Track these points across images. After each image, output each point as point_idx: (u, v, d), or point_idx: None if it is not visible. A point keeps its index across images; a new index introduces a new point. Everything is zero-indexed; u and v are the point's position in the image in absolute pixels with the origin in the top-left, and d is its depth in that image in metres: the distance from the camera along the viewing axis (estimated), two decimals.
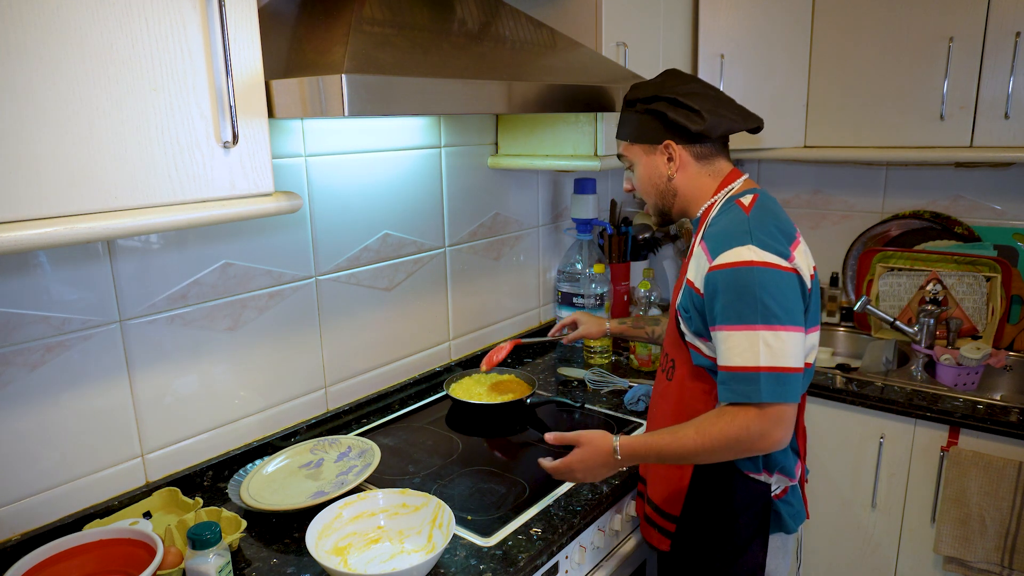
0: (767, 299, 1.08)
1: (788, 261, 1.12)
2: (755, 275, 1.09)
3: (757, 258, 1.10)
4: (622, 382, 1.89)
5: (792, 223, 1.22)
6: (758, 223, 1.15)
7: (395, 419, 1.74)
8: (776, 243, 1.13)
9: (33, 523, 1.20)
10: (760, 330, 1.08)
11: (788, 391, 1.08)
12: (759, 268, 1.10)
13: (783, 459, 1.24)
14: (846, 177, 2.47)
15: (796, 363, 1.10)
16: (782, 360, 1.08)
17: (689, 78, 1.28)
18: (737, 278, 1.10)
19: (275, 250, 1.50)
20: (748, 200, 1.20)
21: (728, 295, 1.11)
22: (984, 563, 1.74)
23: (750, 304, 1.09)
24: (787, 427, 1.10)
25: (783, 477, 1.27)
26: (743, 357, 1.09)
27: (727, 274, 1.11)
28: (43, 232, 0.83)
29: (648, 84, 1.30)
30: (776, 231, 1.15)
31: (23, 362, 1.16)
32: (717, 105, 1.24)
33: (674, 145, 1.25)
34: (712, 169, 1.27)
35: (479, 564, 1.16)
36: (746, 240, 1.12)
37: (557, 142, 1.87)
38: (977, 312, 2.14)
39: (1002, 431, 1.69)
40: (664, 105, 1.24)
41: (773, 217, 1.18)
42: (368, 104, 1.04)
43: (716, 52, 2.09)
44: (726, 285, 1.11)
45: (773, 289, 1.09)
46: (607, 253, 2.30)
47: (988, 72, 1.89)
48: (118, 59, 0.88)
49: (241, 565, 1.18)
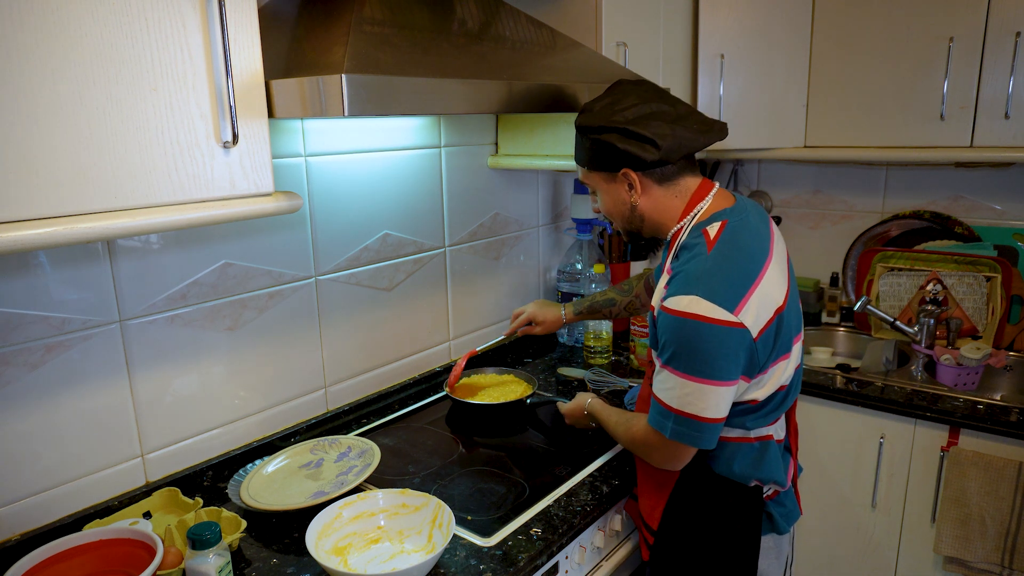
0: (696, 355, 1.10)
1: (734, 314, 1.08)
2: (694, 330, 1.09)
3: (701, 312, 1.08)
4: (622, 382, 1.89)
5: (765, 247, 1.18)
6: (714, 267, 1.12)
7: (395, 419, 1.74)
8: (726, 293, 1.09)
9: (33, 523, 1.20)
10: (686, 380, 1.11)
11: (696, 437, 1.14)
12: (700, 323, 1.08)
13: (773, 472, 1.25)
14: (846, 177, 2.47)
15: (714, 414, 1.12)
16: (695, 409, 1.12)
17: (642, 93, 1.21)
18: (678, 327, 1.11)
19: (275, 250, 1.50)
20: (714, 231, 1.16)
21: (666, 336, 1.13)
22: (984, 563, 1.74)
23: (684, 354, 1.11)
24: (680, 463, 1.22)
25: (775, 486, 1.28)
26: (664, 394, 1.16)
27: (671, 320, 1.12)
28: (43, 232, 0.83)
29: (596, 111, 1.22)
30: (733, 277, 1.11)
31: (23, 362, 1.16)
32: (674, 124, 1.17)
33: (631, 173, 1.20)
34: (678, 190, 1.22)
35: (479, 564, 1.16)
36: (695, 289, 1.10)
37: (557, 142, 1.87)
38: (977, 312, 2.14)
39: (1002, 431, 1.69)
40: (615, 137, 1.18)
41: (738, 253, 1.14)
42: (368, 104, 1.04)
43: (716, 52, 2.09)
44: (668, 328, 1.13)
45: (705, 345, 1.09)
46: (607, 253, 2.30)
47: (988, 72, 1.89)
48: (118, 59, 0.88)
49: (241, 565, 1.18)
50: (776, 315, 1.15)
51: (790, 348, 1.21)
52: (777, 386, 1.20)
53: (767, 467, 1.24)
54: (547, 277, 2.30)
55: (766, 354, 1.15)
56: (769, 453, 1.24)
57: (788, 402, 1.26)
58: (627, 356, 2.10)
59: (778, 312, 1.15)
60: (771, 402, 1.21)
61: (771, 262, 1.17)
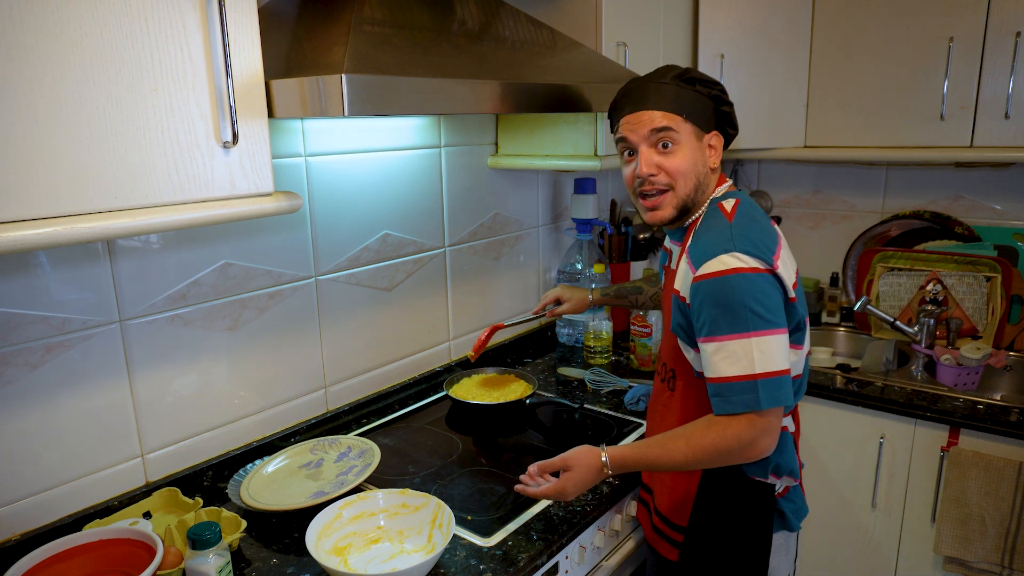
0: (754, 304, 1.08)
1: (770, 266, 1.11)
2: (740, 282, 1.08)
3: (741, 264, 1.09)
4: (622, 382, 1.89)
5: (775, 229, 1.21)
6: (740, 230, 1.14)
7: (395, 419, 1.74)
8: (758, 250, 1.12)
9: (33, 523, 1.20)
10: (751, 337, 1.08)
11: (783, 395, 1.09)
12: (743, 274, 1.09)
13: (791, 462, 1.25)
14: (846, 177, 2.47)
15: (785, 365, 1.10)
16: (774, 364, 1.08)
17: None
18: (723, 287, 1.09)
19: (275, 250, 1.50)
20: (730, 206, 1.19)
21: (715, 307, 1.10)
22: (984, 563, 1.74)
23: (738, 312, 1.08)
24: (776, 433, 1.11)
25: (789, 479, 1.27)
26: (739, 366, 1.08)
27: (711, 284, 1.10)
28: (43, 232, 0.83)
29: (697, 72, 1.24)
30: (759, 238, 1.14)
31: (23, 362, 1.16)
32: None
33: (718, 138, 1.24)
34: (718, 173, 1.27)
35: (479, 564, 1.16)
36: (729, 247, 1.11)
37: (557, 142, 1.87)
38: (977, 312, 2.14)
39: (1002, 431, 1.69)
40: (721, 94, 1.22)
41: (755, 224, 1.17)
42: (368, 104, 1.04)
43: (716, 52, 2.09)
44: (711, 296, 1.10)
45: (758, 294, 1.09)
46: (607, 253, 2.30)
47: (988, 72, 1.89)
48: (118, 59, 0.88)
49: (241, 565, 1.18)
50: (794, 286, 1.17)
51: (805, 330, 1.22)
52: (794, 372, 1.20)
53: (787, 457, 1.24)
54: (547, 277, 2.30)
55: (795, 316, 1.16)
56: (787, 443, 1.25)
57: (800, 393, 1.26)
58: (627, 356, 2.10)
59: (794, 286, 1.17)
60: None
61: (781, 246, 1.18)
